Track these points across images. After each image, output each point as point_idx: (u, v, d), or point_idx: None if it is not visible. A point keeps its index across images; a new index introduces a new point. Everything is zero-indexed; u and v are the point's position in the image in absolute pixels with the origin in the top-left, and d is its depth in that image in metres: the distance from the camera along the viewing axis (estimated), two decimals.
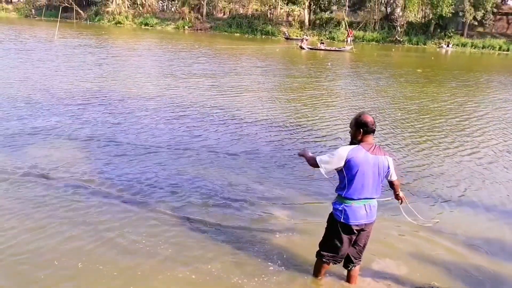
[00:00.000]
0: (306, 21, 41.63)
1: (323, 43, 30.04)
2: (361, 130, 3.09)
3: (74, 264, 3.68)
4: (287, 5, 41.97)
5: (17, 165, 5.71)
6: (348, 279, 3.57)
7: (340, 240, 3.26)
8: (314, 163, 3.25)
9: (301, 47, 29.01)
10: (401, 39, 38.10)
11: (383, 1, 41.15)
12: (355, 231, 3.21)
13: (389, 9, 40.88)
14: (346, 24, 35.71)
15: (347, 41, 33.72)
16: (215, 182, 5.56)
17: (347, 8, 40.58)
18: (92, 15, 45.36)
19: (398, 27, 38.31)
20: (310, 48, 28.95)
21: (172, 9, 45.58)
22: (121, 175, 5.62)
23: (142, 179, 5.53)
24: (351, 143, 3.19)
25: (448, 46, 37.01)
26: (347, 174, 3.08)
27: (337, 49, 29.66)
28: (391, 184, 3.41)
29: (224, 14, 44.44)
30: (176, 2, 45.33)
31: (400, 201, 3.50)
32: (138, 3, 44.93)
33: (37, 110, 8.66)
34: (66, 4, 44.44)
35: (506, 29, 40.25)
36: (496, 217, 5.13)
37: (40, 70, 13.71)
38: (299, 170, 6.12)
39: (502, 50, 36.69)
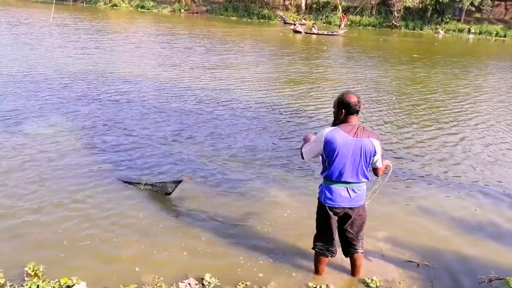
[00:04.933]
0: (303, 5, 41.38)
1: (314, 27, 30.37)
2: (343, 110, 2.97)
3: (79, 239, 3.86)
4: None
5: None
6: (352, 269, 3.43)
7: (324, 222, 3.18)
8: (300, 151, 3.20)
9: (296, 31, 29.13)
10: (398, 24, 38.06)
11: None
12: (336, 213, 3.11)
13: None
14: (340, 8, 35.78)
15: (340, 25, 34.00)
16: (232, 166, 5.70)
17: None
18: None
19: (395, 12, 38.24)
20: (306, 32, 29.14)
21: None
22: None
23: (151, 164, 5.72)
24: (334, 124, 3.08)
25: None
26: (326, 157, 3.00)
27: (330, 33, 29.93)
28: (375, 171, 3.19)
29: None
30: None
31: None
32: None
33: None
34: None
35: (504, 15, 40.12)
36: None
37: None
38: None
39: (499, 36, 36.68)
